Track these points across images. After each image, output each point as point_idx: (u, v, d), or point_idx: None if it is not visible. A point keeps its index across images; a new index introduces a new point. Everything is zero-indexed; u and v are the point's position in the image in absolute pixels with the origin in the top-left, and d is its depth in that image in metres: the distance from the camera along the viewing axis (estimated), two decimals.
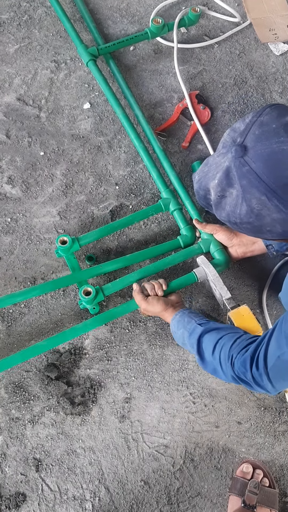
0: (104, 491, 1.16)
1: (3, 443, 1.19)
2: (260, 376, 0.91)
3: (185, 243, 1.33)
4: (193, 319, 1.09)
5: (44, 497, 1.15)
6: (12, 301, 1.23)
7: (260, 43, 1.71)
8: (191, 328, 1.07)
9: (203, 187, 0.92)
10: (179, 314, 1.13)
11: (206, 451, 1.21)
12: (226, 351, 0.97)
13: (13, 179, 1.45)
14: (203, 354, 1.03)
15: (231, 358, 0.96)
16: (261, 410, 1.24)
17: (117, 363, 1.27)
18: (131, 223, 1.36)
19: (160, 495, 1.16)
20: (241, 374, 0.95)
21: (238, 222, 0.86)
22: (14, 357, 1.17)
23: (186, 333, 1.08)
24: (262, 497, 1.12)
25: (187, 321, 1.09)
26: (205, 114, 1.56)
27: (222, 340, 1.00)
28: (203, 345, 1.03)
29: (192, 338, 1.05)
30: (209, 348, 1.01)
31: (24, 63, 1.61)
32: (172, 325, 1.13)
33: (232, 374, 0.97)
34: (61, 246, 1.27)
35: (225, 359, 0.97)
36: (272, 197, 0.79)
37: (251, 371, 0.92)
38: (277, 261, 1.39)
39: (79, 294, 1.20)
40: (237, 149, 0.82)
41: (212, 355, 1.00)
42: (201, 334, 1.03)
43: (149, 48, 1.68)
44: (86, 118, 1.55)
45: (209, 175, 0.89)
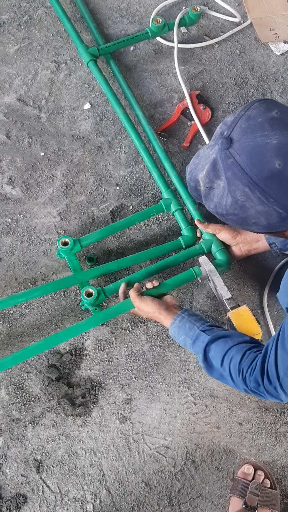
0: (105, 492, 1.16)
1: (4, 444, 1.18)
2: (275, 388, 0.92)
3: (187, 244, 1.33)
4: (195, 325, 1.07)
5: (45, 498, 1.15)
6: (13, 303, 1.23)
7: (260, 43, 1.71)
8: (194, 335, 1.05)
9: (193, 178, 0.94)
10: (178, 318, 1.10)
11: (207, 452, 1.20)
12: (236, 364, 0.97)
13: (13, 180, 1.45)
14: (210, 362, 1.02)
15: (242, 372, 0.96)
16: (262, 411, 1.24)
17: (117, 364, 1.27)
18: (132, 224, 1.36)
19: (161, 496, 1.16)
20: (254, 389, 0.95)
21: (225, 213, 0.88)
22: (11, 357, 1.16)
23: (188, 340, 1.06)
24: (264, 498, 1.11)
25: (188, 327, 1.07)
26: (206, 114, 1.56)
27: (231, 351, 0.99)
28: (210, 354, 1.02)
29: (197, 347, 1.04)
30: (217, 359, 1.00)
31: (24, 64, 1.61)
32: (172, 331, 1.11)
33: (245, 388, 0.97)
34: (63, 248, 1.26)
35: (235, 373, 0.97)
36: (255, 189, 0.81)
37: (263, 385, 0.93)
38: (278, 261, 1.39)
39: (81, 295, 1.20)
40: (223, 141, 0.84)
41: (221, 367, 1.00)
42: (208, 344, 1.02)
43: (150, 48, 1.68)
44: (87, 118, 1.55)
45: (198, 166, 0.91)
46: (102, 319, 1.22)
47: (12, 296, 1.22)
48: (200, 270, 1.25)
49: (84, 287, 1.22)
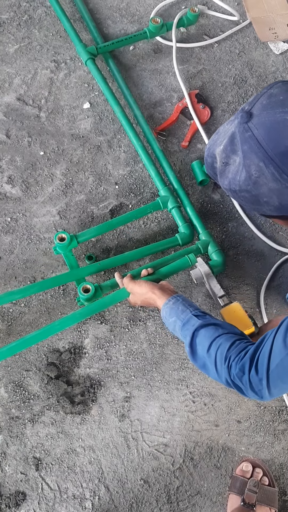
0: (104, 490, 1.17)
1: (3, 442, 1.19)
2: (260, 380, 0.88)
3: (184, 241, 1.33)
4: (188, 309, 1.03)
5: (44, 496, 1.15)
6: (11, 299, 1.23)
7: (260, 42, 1.71)
8: (185, 318, 1.02)
9: (211, 153, 0.93)
10: (172, 300, 1.07)
11: (206, 450, 1.21)
12: (223, 352, 0.92)
13: (13, 179, 1.45)
14: (195, 348, 0.98)
15: (228, 360, 0.91)
16: (261, 409, 1.24)
17: (116, 362, 1.27)
18: (129, 221, 1.36)
19: (159, 494, 1.17)
20: (237, 379, 0.91)
21: (238, 189, 0.88)
22: (7, 348, 1.16)
23: (178, 322, 1.02)
24: (262, 495, 1.12)
25: (181, 310, 1.04)
26: (205, 114, 1.56)
27: (220, 338, 0.95)
28: (197, 339, 0.97)
29: (186, 330, 1.00)
30: (205, 344, 0.96)
31: (24, 63, 1.62)
32: (163, 311, 1.07)
33: (227, 377, 0.92)
34: (59, 243, 1.26)
35: (221, 360, 0.93)
36: (269, 164, 0.81)
37: (249, 375, 0.89)
38: (276, 260, 1.39)
39: (78, 291, 1.20)
40: (243, 115, 0.84)
41: (207, 352, 0.95)
42: (197, 328, 0.98)
43: (149, 48, 1.68)
44: (86, 117, 1.55)
45: (217, 142, 0.90)
46: (98, 308, 1.21)
47: (9, 292, 1.23)
48: (195, 258, 1.25)
49: (81, 283, 1.22)
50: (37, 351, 1.27)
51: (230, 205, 1.46)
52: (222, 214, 1.45)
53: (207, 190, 1.48)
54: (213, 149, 0.92)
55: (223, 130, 0.91)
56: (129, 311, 1.32)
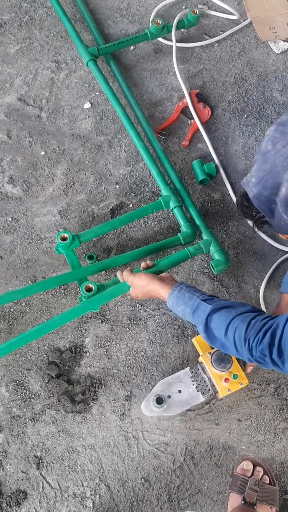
0: (105, 488, 1.17)
1: (4, 441, 1.19)
2: (282, 362, 0.90)
3: (186, 240, 1.33)
4: (194, 295, 1.03)
5: (45, 494, 1.16)
6: (12, 298, 1.24)
7: (260, 42, 1.71)
8: (194, 305, 1.01)
9: (269, 185, 0.84)
10: (177, 289, 1.06)
11: (206, 448, 1.21)
12: (241, 334, 0.93)
13: (14, 179, 1.46)
14: (212, 332, 0.99)
15: (248, 342, 0.93)
16: (261, 407, 1.24)
17: (117, 361, 1.27)
18: (131, 220, 1.36)
19: (160, 492, 1.17)
20: (259, 358, 0.93)
21: None
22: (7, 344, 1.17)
23: (188, 309, 1.02)
24: (262, 494, 1.11)
25: (188, 297, 1.03)
26: (205, 113, 1.57)
27: (235, 321, 0.95)
28: (212, 324, 0.98)
29: (198, 317, 1.00)
30: (221, 328, 0.96)
31: (25, 64, 1.62)
32: (170, 301, 1.06)
33: (249, 357, 0.94)
34: (61, 243, 1.27)
35: (240, 342, 0.94)
36: None
37: (270, 357, 0.90)
38: (277, 259, 1.39)
39: (81, 290, 1.21)
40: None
41: (224, 336, 0.96)
42: (210, 313, 0.98)
43: (149, 48, 1.68)
44: (87, 117, 1.55)
45: (276, 169, 0.82)
46: (98, 303, 1.21)
47: (11, 292, 1.23)
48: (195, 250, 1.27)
49: (83, 283, 1.22)
50: (38, 350, 1.27)
51: (230, 204, 1.46)
52: (222, 213, 1.45)
53: (208, 189, 1.48)
54: (274, 178, 0.83)
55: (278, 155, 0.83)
56: (130, 310, 1.32)
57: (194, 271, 1.37)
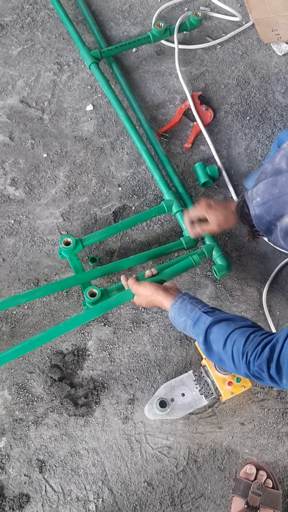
0: (108, 492, 1.16)
1: (7, 444, 1.19)
2: (280, 378, 0.89)
3: (188, 245, 1.33)
4: (196, 306, 1.03)
5: (47, 498, 1.15)
6: (16, 303, 1.24)
7: (262, 44, 1.71)
8: (195, 317, 1.01)
9: (273, 212, 0.82)
10: (179, 300, 1.07)
11: (209, 452, 1.21)
12: (239, 348, 0.93)
13: (16, 181, 1.45)
14: (210, 345, 0.98)
15: (245, 356, 0.92)
16: (265, 411, 1.24)
17: (120, 364, 1.27)
18: (134, 225, 1.36)
19: (163, 496, 1.16)
20: (256, 373, 0.92)
21: None
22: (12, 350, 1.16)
23: (189, 321, 1.02)
24: (266, 498, 1.11)
25: (190, 309, 1.03)
26: (208, 115, 1.56)
27: (234, 334, 0.94)
28: (211, 336, 0.97)
29: (198, 328, 1.00)
30: (219, 341, 0.96)
31: (27, 65, 1.62)
32: (172, 312, 1.07)
33: (246, 372, 0.93)
34: (65, 247, 1.27)
35: (238, 356, 0.93)
36: None
37: (268, 373, 0.89)
38: (280, 262, 1.39)
39: (84, 295, 1.21)
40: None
41: (223, 349, 0.95)
42: (209, 326, 0.98)
43: (152, 50, 1.68)
44: (89, 119, 1.55)
45: (284, 198, 0.80)
46: (103, 310, 1.21)
47: (15, 296, 1.23)
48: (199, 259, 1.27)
49: (87, 287, 1.22)
50: (41, 353, 1.27)
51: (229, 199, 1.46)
52: None
53: (210, 191, 1.48)
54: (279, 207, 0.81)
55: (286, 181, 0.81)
56: (133, 313, 1.32)
57: (197, 274, 1.37)
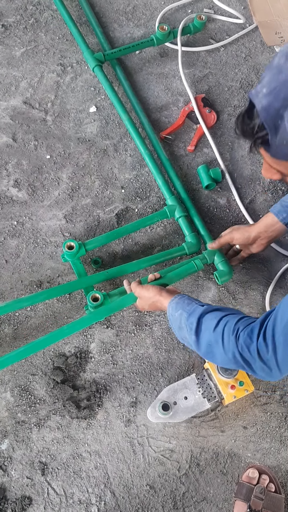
0: (110, 495, 1.16)
1: (9, 446, 1.19)
2: (266, 347, 0.86)
3: (191, 250, 1.33)
4: (193, 302, 1.04)
5: (50, 500, 1.15)
6: (19, 306, 1.24)
7: (266, 46, 1.71)
8: (191, 309, 1.01)
9: (282, 96, 0.77)
10: (178, 296, 1.07)
11: (212, 455, 1.20)
12: (231, 326, 0.92)
13: (19, 182, 1.45)
14: (200, 333, 0.97)
15: (236, 331, 0.91)
16: (267, 415, 1.24)
17: (122, 367, 1.27)
18: (136, 229, 1.37)
19: (165, 499, 1.16)
20: (245, 348, 0.89)
21: None
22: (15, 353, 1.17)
23: (184, 314, 1.01)
24: (268, 502, 1.11)
25: (187, 303, 1.04)
26: (211, 118, 1.56)
27: (227, 317, 0.95)
28: (203, 324, 0.97)
29: (192, 317, 0.99)
30: (211, 324, 0.95)
31: (30, 66, 1.62)
32: (169, 307, 1.07)
33: (234, 350, 0.91)
34: (68, 251, 1.27)
35: (229, 332, 0.92)
36: None
37: (257, 342, 0.87)
38: (282, 265, 1.39)
39: (87, 300, 1.21)
40: None
41: (213, 331, 0.94)
42: (202, 314, 0.98)
43: (155, 52, 1.68)
44: (92, 121, 1.55)
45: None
46: (106, 313, 1.21)
47: (18, 299, 1.23)
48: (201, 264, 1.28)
49: (90, 291, 1.23)
50: (43, 355, 1.27)
51: (236, 209, 1.46)
52: (228, 219, 1.45)
53: (213, 194, 1.48)
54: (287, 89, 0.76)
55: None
56: (135, 316, 1.32)
57: (200, 277, 1.37)
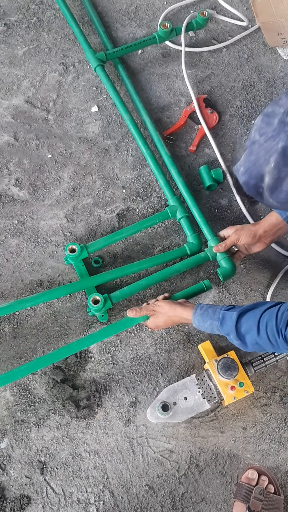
0: (109, 495, 1.16)
1: (8, 445, 1.19)
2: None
3: (192, 251, 1.33)
4: (216, 309, 1.09)
5: (48, 500, 1.15)
6: (20, 307, 1.24)
7: (268, 47, 1.71)
8: (219, 317, 1.06)
9: (254, 175, 0.94)
10: (199, 307, 1.13)
11: (211, 456, 1.20)
12: (273, 329, 0.97)
13: (20, 182, 1.45)
14: (244, 338, 1.03)
15: (280, 333, 0.96)
16: (267, 416, 1.24)
17: (122, 367, 1.27)
18: (138, 230, 1.37)
19: (164, 500, 1.16)
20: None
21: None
22: (21, 368, 1.17)
23: (215, 323, 1.07)
24: (267, 503, 1.11)
25: (211, 312, 1.09)
26: (213, 118, 1.56)
27: (263, 319, 0.99)
28: (242, 330, 1.02)
29: (226, 326, 1.05)
30: (252, 330, 1.01)
31: (32, 66, 1.62)
32: (195, 321, 1.12)
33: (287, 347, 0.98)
34: (70, 255, 1.28)
35: (274, 337, 0.97)
36: None
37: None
38: (284, 266, 1.39)
39: (88, 302, 1.21)
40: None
41: (258, 336, 1.00)
42: (237, 320, 1.03)
43: (157, 52, 1.68)
44: (94, 121, 1.55)
45: (259, 162, 0.92)
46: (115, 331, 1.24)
47: (20, 300, 1.24)
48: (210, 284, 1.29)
49: (91, 293, 1.23)
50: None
51: (237, 210, 1.46)
52: (229, 219, 1.45)
53: (215, 195, 1.48)
54: (258, 170, 0.92)
55: (261, 149, 0.91)
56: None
57: (201, 278, 1.37)
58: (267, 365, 1.21)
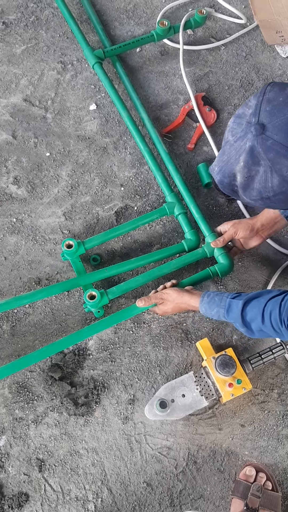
0: (107, 492, 1.16)
1: (7, 442, 1.19)
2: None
3: (190, 247, 1.33)
4: (223, 296, 1.12)
5: (46, 497, 1.15)
6: (18, 304, 1.24)
7: (266, 45, 1.71)
8: (226, 305, 1.10)
9: (227, 174, 0.96)
10: (206, 295, 1.16)
11: (209, 453, 1.20)
12: (276, 318, 1.01)
13: (18, 180, 1.45)
14: (249, 325, 1.07)
15: (283, 323, 1.00)
16: (265, 413, 1.24)
17: (120, 364, 1.27)
18: (136, 227, 1.37)
19: (162, 497, 1.16)
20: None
21: (271, 195, 0.92)
22: (20, 361, 1.18)
23: (222, 310, 1.11)
24: (265, 500, 1.11)
25: (218, 299, 1.12)
26: (211, 116, 1.56)
27: (267, 308, 1.03)
28: (247, 317, 1.06)
29: (232, 314, 1.08)
30: (257, 319, 1.04)
31: (30, 64, 1.62)
32: (202, 308, 1.16)
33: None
34: (67, 250, 1.28)
35: (278, 325, 1.01)
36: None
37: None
38: (282, 263, 1.39)
39: (84, 298, 1.21)
40: (256, 127, 0.88)
41: (262, 324, 1.04)
42: (242, 309, 1.06)
43: (156, 50, 1.68)
44: (92, 119, 1.55)
45: (231, 161, 0.94)
46: (116, 320, 1.25)
47: (17, 297, 1.24)
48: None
49: (88, 289, 1.23)
50: None
51: (235, 208, 1.46)
52: (227, 217, 1.45)
53: (213, 192, 1.48)
54: (230, 169, 0.95)
55: (231, 148, 0.93)
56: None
57: None
58: (265, 362, 1.21)
